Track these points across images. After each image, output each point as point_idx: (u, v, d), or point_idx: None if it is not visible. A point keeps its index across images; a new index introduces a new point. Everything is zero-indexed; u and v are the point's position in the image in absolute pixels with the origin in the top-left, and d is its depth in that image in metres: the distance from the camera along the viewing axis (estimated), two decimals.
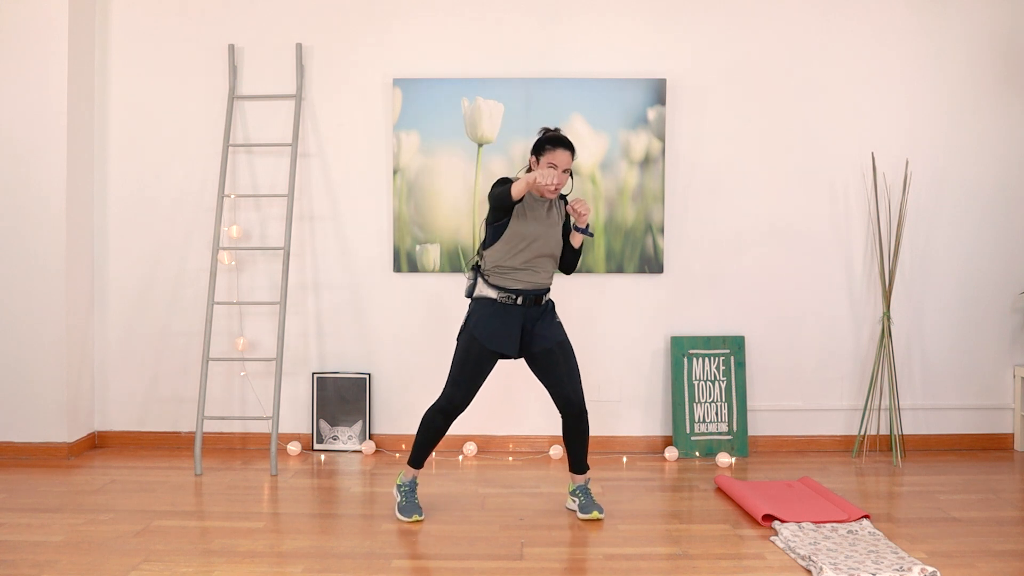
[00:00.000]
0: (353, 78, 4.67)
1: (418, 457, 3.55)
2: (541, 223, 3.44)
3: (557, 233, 3.48)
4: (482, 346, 3.40)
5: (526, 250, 3.41)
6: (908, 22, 4.66)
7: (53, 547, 3.18)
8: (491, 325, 3.41)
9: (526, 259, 3.41)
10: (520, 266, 3.41)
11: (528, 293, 3.43)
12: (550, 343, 3.45)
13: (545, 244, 3.44)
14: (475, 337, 3.41)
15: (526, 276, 3.42)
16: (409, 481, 3.58)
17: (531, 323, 3.46)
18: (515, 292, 3.41)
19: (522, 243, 3.40)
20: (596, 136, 4.59)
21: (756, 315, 4.70)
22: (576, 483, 3.61)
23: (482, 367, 3.43)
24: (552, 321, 3.51)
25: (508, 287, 3.42)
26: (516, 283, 3.42)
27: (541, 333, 3.45)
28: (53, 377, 4.45)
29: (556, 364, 3.46)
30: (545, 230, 3.44)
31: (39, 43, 4.41)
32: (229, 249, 4.54)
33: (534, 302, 3.45)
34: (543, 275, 3.47)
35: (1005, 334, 4.75)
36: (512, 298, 3.41)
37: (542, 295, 3.48)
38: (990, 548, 3.21)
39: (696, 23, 4.65)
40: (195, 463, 4.21)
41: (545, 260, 3.46)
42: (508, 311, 3.42)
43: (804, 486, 3.91)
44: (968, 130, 4.69)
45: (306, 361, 4.72)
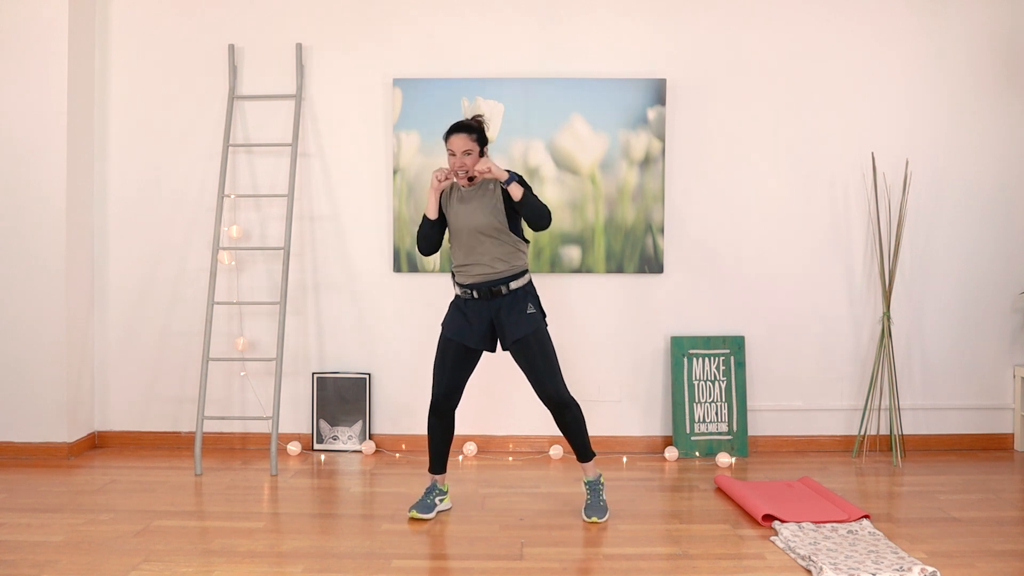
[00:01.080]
0: (353, 78, 4.67)
1: (430, 460, 3.62)
2: (462, 212, 3.48)
3: (485, 214, 3.43)
4: (447, 338, 3.51)
5: (462, 244, 3.48)
6: (908, 22, 4.66)
7: (53, 547, 3.18)
8: (453, 318, 3.53)
9: (465, 252, 3.47)
10: (464, 261, 3.48)
11: (480, 286, 3.46)
12: (518, 335, 3.43)
13: (475, 230, 3.43)
14: (442, 329, 3.54)
15: (473, 269, 3.46)
16: (432, 483, 3.64)
17: (497, 315, 3.46)
18: (469, 287, 3.48)
19: (458, 237, 3.50)
20: (596, 136, 4.59)
21: (756, 315, 4.70)
22: (586, 475, 3.61)
23: (454, 359, 3.49)
24: (521, 313, 3.44)
25: (463, 283, 3.50)
26: (467, 278, 3.48)
27: (509, 326, 3.44)
28: (53, 377, 4.45)
29: (531, 357, 3.45)
30: (467, 217, 3.45)
31: (39, 43, 4.41)
32: (229, 249, 4.54)
33: (490, 294, 3.46)
34: (491, 263, 3.42)
35: (1005, 334, 4.74)
36: (468, 292, 3.49)
37: (499, 285, 3.45)
38: (990, 548, 3.21)
39: (696, 23, 4.65)
40: (195, 463, 4.21)
41: (486, 245, 3.43)
42: (468, 305, 3.50)
43: (804, 486, 3.91)
44: (968, 130, 4.69)
45: (306, 361, 4.72)
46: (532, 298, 3.49)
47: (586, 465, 3.59)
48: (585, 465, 3.59)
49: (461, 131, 3.45)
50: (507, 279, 3.45)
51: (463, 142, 3.43)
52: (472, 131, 3.46)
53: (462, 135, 3.44)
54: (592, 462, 3.59)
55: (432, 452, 3.59)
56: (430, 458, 3.61)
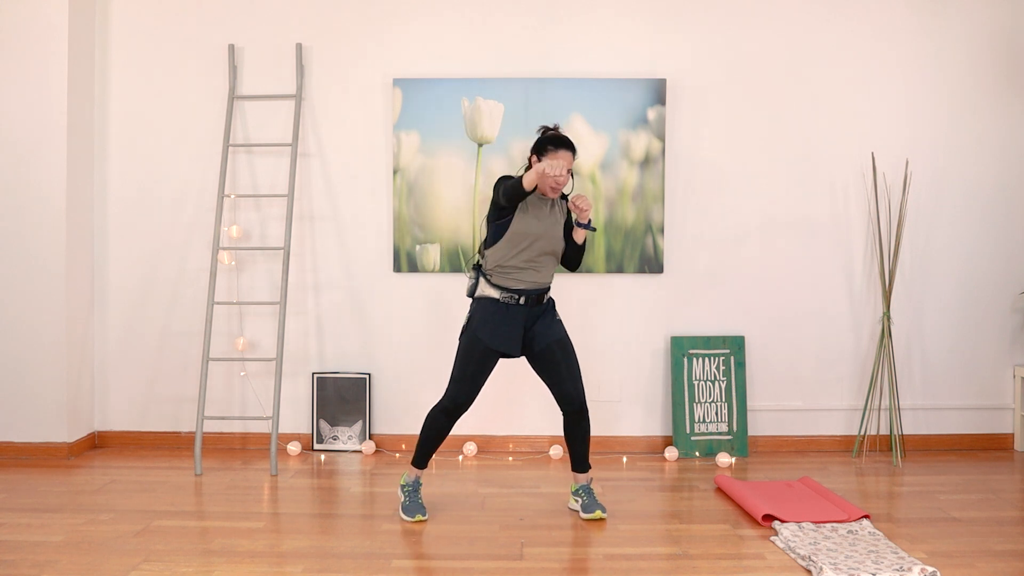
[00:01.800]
0: (353, 78, 4.67)
1: (421, 457, 3.56)
2: (543, 221, 3.44)
3: (559, 231, 3.49)
4: (485, 346, 3.40)
5: (528, 249, 3.41)
6: (908, 22, 4.67)
7: (53, 547, 3.18)
8: (494, 324, 3.40)
9: (528, 258, 3.41)
10: (522, 265, 3.41)
11: (530, 292, 3.43)
12: (550, 340, 3.45)
13: (547, 243, 3.44)
14: (478, 337, 3.40)
15: (528, 275, 3.42)
16: (412, 481, 3.58)
17: (532, 321, 3.47)
18: (517, 292, 3.42)
19: (524, 242, 3.40)
20: (596, 136, 4.59)
21: (756, 315, 4.70)
22: (578, 482, 3.61)
23: (484, 366, 3.43)
24: (552, 319, 3.51)
25: (510, 287, 3.42)
26: (518, 283, 3.42)
27: (542, 331, 3.46)
28: (53, 377, 4.45)
29: (557, 362, 3.47)
30: (547, 228, 3.44)
31: (39, 43, 4.41)
32: (229, 249, 4.54)
33: (536, 301, 3.45)
34: (544, 274, 3.47)
35: (1005, 334, 4.75)
36: (515, 298, 3.41)
37: (543, 294, 3.49)
38: (990, 548, 3.21)
39: (696, 23, 4.66)
40: (195, 463, 4.21)
41: (547, 258, 3.47)
42: (510, 310, 3.42)
43: (804, 486, 3.91)
44: (968, 130, 4.69)
45: (306, 361, 4.72)
46: (556, 309, 3.58)
47: (580, 475, 3.60)
48: (579, 475, 3.61)
49: (570, 149, 3.40)
50: (548, 289, 3.52)
51: (570, 160, 3.39)
52: (575, 151, 3.44)
53: (569, 153, 3.40)
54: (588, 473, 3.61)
55: (427, 450, 3.55)
56: (422, 455, 3.55)
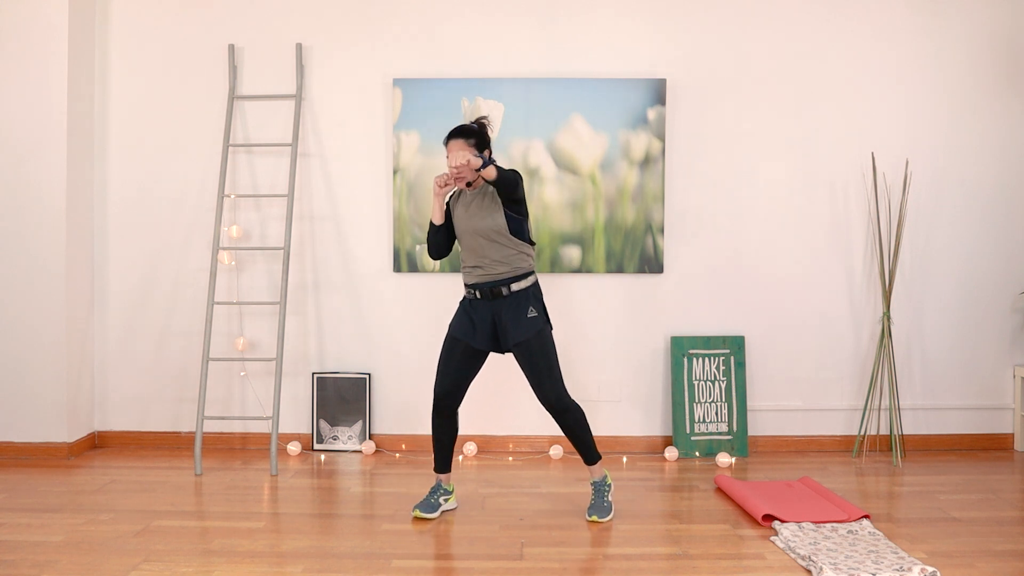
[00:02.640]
0: (353, 78, 4.67)
1: (435, 459, 3.64)
2: (463, 216, 3.50)
3: (485, 217, 3.44)
4: (453, 337, 3.53)
5: (466, 247, 3.51)
6: (908, 22, 4.66)
7: (53, 547, 3.18)
8: (459, 317, 3.55)
9: (469, 254, 3.50)
10: (468, 262, 3.51)
11: (483, 286, 3.47)
12: (519, 339, 3.43)
13: (475, 233, 3.44)
14: (449, 328, 3.57)
15: (476, 270, 3.49)
16: (436, 483, 3.65)
17: (500, 317, 3.46)
18: (472, 287, 3.51)
19: (463, 240, 3.52)
20: (596, 136, 4.59)
21: (756, 315, 4.70)
22: (593, 476, 3.62)
23: (459, 359, 3.51)
24: (521, 315, 3.44)
25: (468, 283, 3.53)
26: (471, 278, 3.51)
27: (511, 329, 3.44)
28: (53, 377, 4.45)
29: (532, 360, 3.44)
30: (468, 221, 3.48)
31: (39, 43, 4.41)
32: (229, 249, 4.54)
33: (492, 294, 3.46)
34: (493, 264, 3.44)
35: (1005, 334, 4.75)
36: (472, 292, 3.51)
37: (499, 286, 3.45)
38: (990, 548, 3.21)
39: (696, 23, 4.65)
40: (195, 463, 4.21)
41: (486, 248, 3.44)
42: (473, 305, 3.52)
43: (804, 486, 3.91)
44: (968, 130, 4.69)
45: (306, 361, 4.72)
46: (535, 301, 3.47)
47: (592, 467, 3.60)
48: (591, 467, 3.60)
49: (459, 136, 3.46)
50: (508, 280, 3.44)
51: (460, 147, 3.43)
52: (470, 135, 3.45)
53: (459, 140, 3.45)
54: (598, 464, 3.59)
55: (436, 451, 3.60)
56: (435, 457, 3.62)
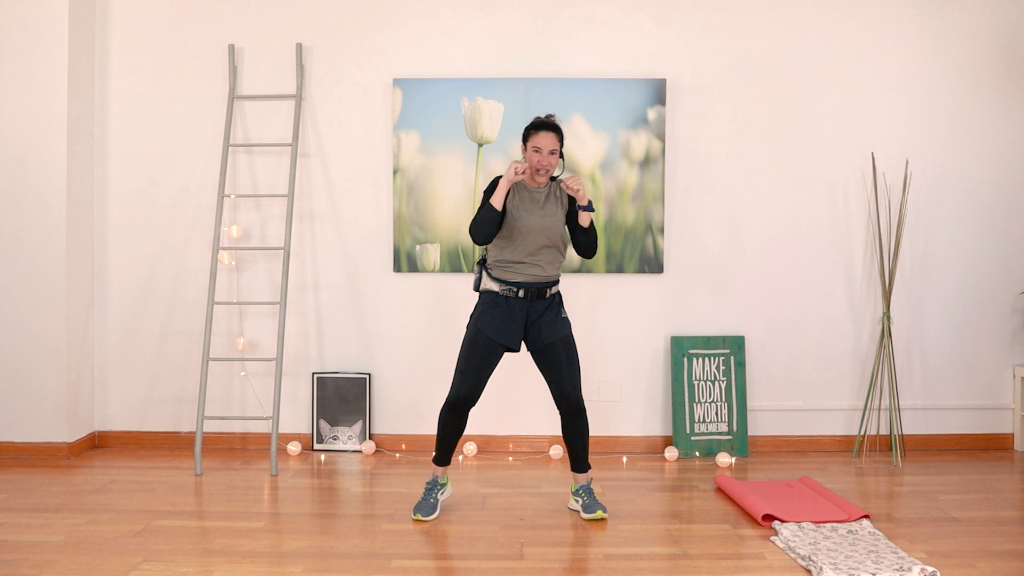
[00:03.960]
0: (353, 78, 4.67)
1: (438, 454, 3.58)
2: (536, 214, 3.44)
3: (556, 222, 3.46)
4: (486, 337, 3.42)
5: (523, 243, 3.42)
6: (908, 21, 4.66)
7: (53, 547, 3.18)
8: (493, 316, 3.43)
9: (526, 252, 3.42)
10: (520, 259, 3.42)
11: (530, 286, 3.43)
12: (553, 338, 3.44)
13: (543, 235, 3.43)
14: (479, 328, 3.43)
15: (527, 269, 3.43)
16: (431, 480, 3.61)
17: (535, 316, 3.45)
18: (516, 285, 3.43)
19: (519, 236, 3.42)
20: (596, 136, 4.59)
21: (756, 315, 4.70)
22: (578, 483, 3.61)
23: (486, 359, 3.44)
24: (557, 316, 3.49)
25: (509, 280, 3.43)
26: (517, 275, 3.43)
27: (546, 327, 3.45)
28: (53, 377, 4.45)
29: (558, 360, 3.46)
30: (541, 220, 3.43)
31: (39, 43, 4.41)
32: (229, 249, 4.54)
33: (537, 295, 3.45)
34: (545, 267, 3.45)
35: (1005, 334, 4.75)
36: (513, 291, 3.43)
37: (546, 288, 3.47)
38: (990, 548, 3.21)
39: (696, 23, 4.65)
40: (195, 463, 4.21)
41: (547, 251, 3.45)
42: (510, 304, 3.43)
43: (804, 486, 3.91)
44: (968, 130, 4.69)
45: (306, 361, 4.72)
46: (562, 305, 3.54)
47: (579, 476, 3.60)
48: (578, 476, 3.60)
49: (550, 130, 3.41)
50: (552, 283, 3.48)
51: (551, 141, 3.40)
52: (559, 131, 3.44)
53: (551, 134, 3.41)
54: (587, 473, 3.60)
55: (442, 447, 3.56)
56: (439, 451, 3.57)
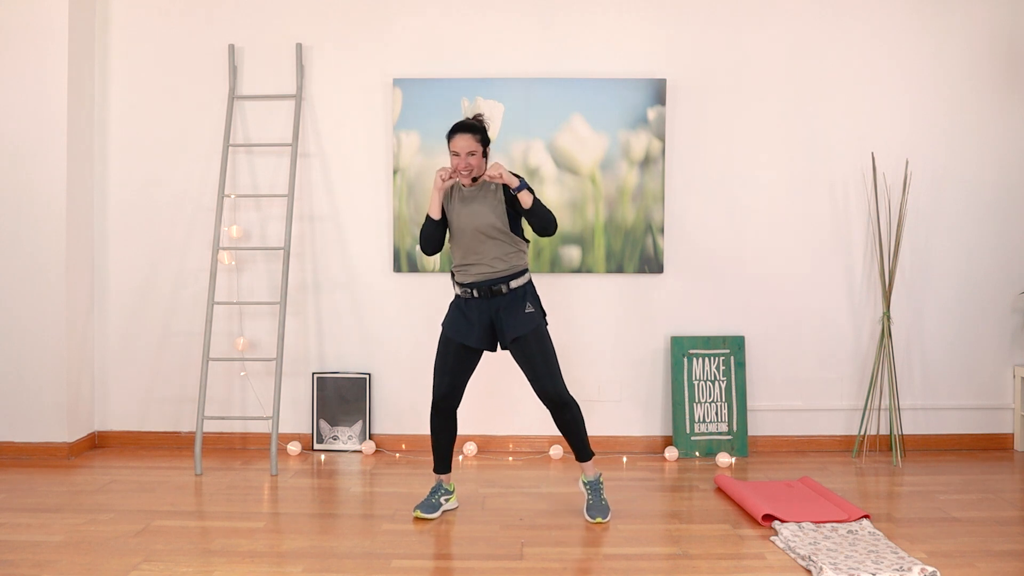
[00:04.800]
0: (353, 78, 4.67)
1: (434, 460, 3.64)
2: (464, 213, 3.47)
3: (486, 214, 3.44)
4: (446, 335, 3.52)
5: (461, 243, 3.48)
6: (908, 22, 4.66)
7: (53, 547, 3.18)
8: (453, 318, 3.53)
9: (467, 251, 3.47)
10: (466, 260, 3.48)
11: (481, 284, 3.46)
12: (519, 333, 3.43)
13: (475, 230, 3.43)
14: (443, 330, 3.54)
15: (474, 268, 3.47)
16: (437, 483, 3.66)
17: (497, 314, 3.46)
18: (469, 285, 3.48)
19: (459, 238, 3.49)
20: (596, 136, 4.59)
21: (756, 315, 4.70)
22: (587, 475, 3.61)
23: (458, 358, 3.50)
24: (519, 312, 3.45)
25: (463, 282, 3.51)
26: (468, 276, 3.49)
27: (509, 325, 3.44)
28: (53, 377, 4.45)
29: (531, 356, 3.45)
30: (469, 218, 3.45)
31: (39, 43, 4.41)
32: (229, 249, 4.54)
33: (490, 293, 3.46)
34: (493, 263, 3.44)
35: (1005, 334, 4.75)
36: (468, 291, 3.49)
37: (498, 284, 3.45)
38: (990, 548, 3.21)
39: (696, 23, 4.65)
40: (195, 463, 4.21)
41: (489, 245, 3.44)
42: (468, 304, 3.50)
43: (804, 486, 3.91)
44: (968, 130, 4.69)
45: (306, 361, 4.72)
46: (532, 297, 3.49)
47: (585, 465, 3.59)
48: (584, 465, 3.60)
49: (465, 131, 3.45)
50: (507, 278, 3.46)
51: (467, 142, 3.43)
52: (476, 131, 3.46)
53: (466, 135, 3.44)
54: (591, 462, 3.59)
55: (436, 452, 3.60)
56: (434, 458, 3.63)
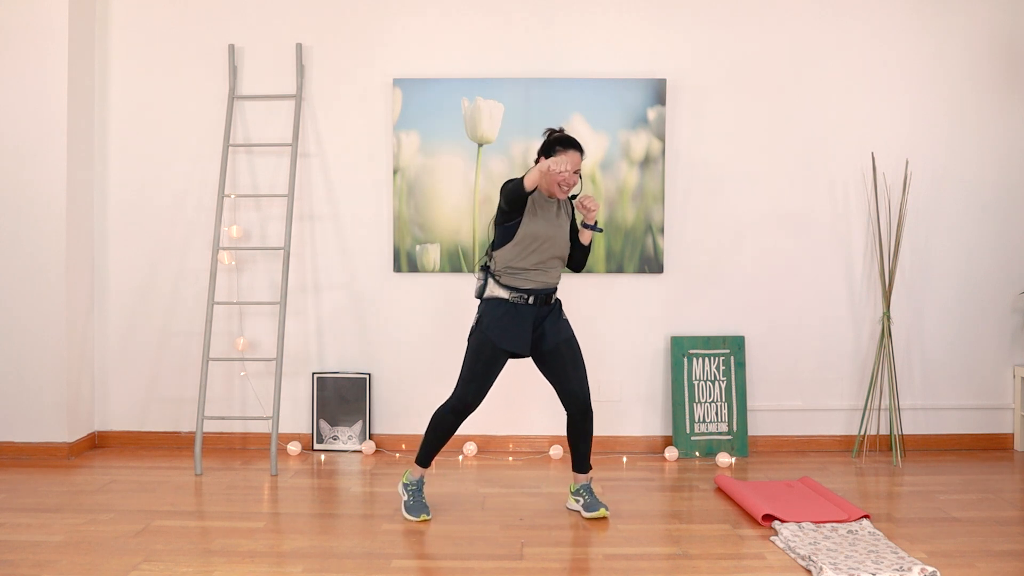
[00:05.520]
0: (353, 78, 4.67)
1: (426, 456, 3.57)
2: (551, 224, 3.46)
3: (565, 234, 3.50)
4: (494, 346, 3.41)
5: (537, 251, 3.43)
6: (908, 21, 4.67)
7: (53, 547, 3.18)
8: (503, 325, 3.42)
9: (538, 260, 3.43)
10: (531, 267, 3.43)
11: (539, 293, 3.45)
12: (559, 341, 3.47)
13: (554, 245, 3.46)
14: (488, 337, 3.41)
15: (537, 276, 3.44)
16: (416, 480, 3.59)
17: (540, 322, 3.48)
18: (527, 292, 3.43)
19: (534, 244, 3.42)
20: (596, 136, 4.59)
21: (756, 315, 4.70)
22: (579, 482, 3.61)
23: (494, 366, 3.44)
24: (559, 319, 3.53)
25: (520, 287, 3.43)
26: (528, 283, 3.44)
27: (550, 331, 3.47)
28: (53, 377, 4.45)
29: (564, 362, 3.49)
30: (555, 231, 3.46)
31: (39, 43, 4.41)
32: (229, 249, 4.54)
33: (544, 301, 3.47)
34: (552, 275, 3.49)
35: (1005, 334, 4.75)
36: (524, 298, 3.43)
37: (552, 294, 3.51)
38: (990, 548, 3.21)
39: (696, 23, 4.66)
40: (195, 463, 4.21)
41: (555, 261, 3.50)
42: (519, 311, 3.44)
43: (804, 486, 3.91)
44: (969, 130, 4.69)
45: (306, 361, 4.72)
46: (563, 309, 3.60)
47: (580, 476, 3.61)
48: (579, 476, 3.61)
49: (578, 149, 3.42)
50: (555, 290, 3.53)
51: (578, 160, 3.40)
52: (583, 153, 3.45)
53: (578, 154, 3.41)
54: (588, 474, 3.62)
55: (434, 449, 3.56)
56: (426, 452, 3.55)
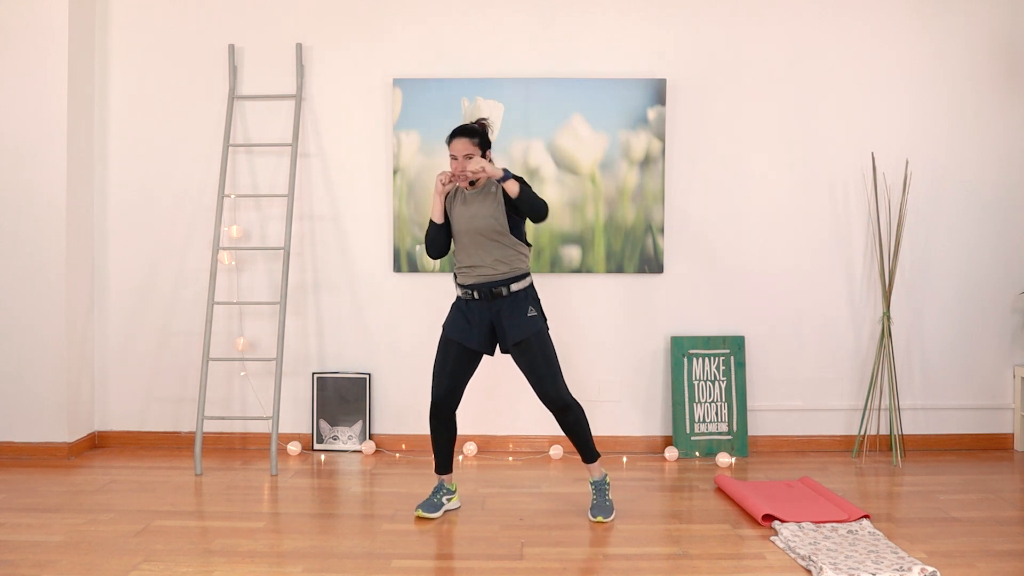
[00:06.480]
0: (353, 78, 4.67)
1: (435, 461, 3.64)
2: (464, 215, 3.49)
3: (485, 215, 3.45)
4: (445, 336, 3.52)
5: (461, 245, 3.51)
6: (908, 22, 4.67)
7: (53, 547, 3.18)
8: (454, 319, 3.54)
9: (466, 253, 3.49)
10: (467, 262, 3.49)
11: (481, 286, 3.47)
12: (520, 337, 3.44)
13: (474, 232, 3.45)
14: (444, 331, 3.55)
15: (475, 270, 3.48)
16: (439, 483, 3.67)
17: (498, 317, 3.47)
18: (470, 287, 3.49)
19: (461, 239, 3.51)
20: (596, 136, 4.59)
21: (756, 315, 4.70)
22: (592, 476, 3.62)
23: (457, 361, 3.50)
24: (521, 315, 3.45)
25: (464, 283, 3.52)
26: (468, 278, 3.50)
27: (510, 328, 3.44)
28: (53, 377, 4.45)
29: (532, 359, 3.45)
30: (468, 220, 3.47)
31: (39, 43, 4.41)
32: (229, 249, 4.54)
33: (490, 295, 3.46)
34: (494, 264, 3.44)
35: (1005, 334, 4.75)
36: (469, 293, 3.50)
37: (498, 286, 3.45)
38: (990, 548, 3.21)
39: (696, 23, 4.66)
40: (195, 463, 4.21)
41: (488, 247, 3.45)
42: (469, 306, 3.51)
43: (804, 486, 3.91)
44: (968, 130, 4.69)
45: (306, 361, 4.72)
46: (533, 301, 3.50)
47: (591, 466, 3.60)
48: (590, 466, 3.60)
49: (463, 135, 3.46)
50: (508, 281, 3.46)
51: (464, 146, 3.44)
52: (474, 135, 3.47)
53: (463, 139, 3.46)
54: (597, 463, 3.60)
55: (436, 453, 3.61)
56: (435, 459, 3.63)
